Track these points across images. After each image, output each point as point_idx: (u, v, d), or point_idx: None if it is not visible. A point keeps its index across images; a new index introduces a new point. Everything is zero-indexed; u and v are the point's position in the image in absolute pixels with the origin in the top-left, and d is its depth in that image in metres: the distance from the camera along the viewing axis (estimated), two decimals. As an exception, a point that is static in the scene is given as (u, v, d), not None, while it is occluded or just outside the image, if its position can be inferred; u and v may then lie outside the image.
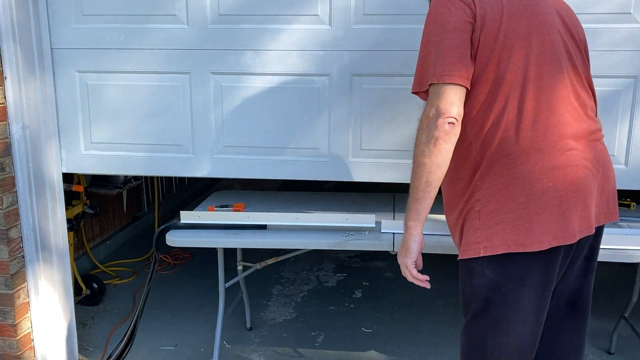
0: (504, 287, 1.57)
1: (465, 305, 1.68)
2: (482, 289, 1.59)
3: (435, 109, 1.50)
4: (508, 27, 1.53)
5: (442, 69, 1.50)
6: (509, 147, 1.53)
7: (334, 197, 3.08)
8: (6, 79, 2.40)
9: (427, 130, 1.51)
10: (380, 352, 3.00)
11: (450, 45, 1.50)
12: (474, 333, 1.65)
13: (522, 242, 1.52)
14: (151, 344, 3.07)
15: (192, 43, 2.44)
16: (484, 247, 1.55)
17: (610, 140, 2.33)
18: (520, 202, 1.52)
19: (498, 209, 1.54)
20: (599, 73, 2.25)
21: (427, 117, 1.52)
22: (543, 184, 1.52)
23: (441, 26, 1.52)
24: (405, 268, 1.70)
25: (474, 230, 1.58)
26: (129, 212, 4.68)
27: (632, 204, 2.77)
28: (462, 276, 1.66)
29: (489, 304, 1.59)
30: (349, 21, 2.35)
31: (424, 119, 1.53)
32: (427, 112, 1.52)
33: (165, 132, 2.55)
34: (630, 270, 2.85)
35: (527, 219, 1.52)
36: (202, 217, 2.56)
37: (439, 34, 1.52)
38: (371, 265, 4.13)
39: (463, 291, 1.67)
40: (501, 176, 1.54)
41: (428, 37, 1.57)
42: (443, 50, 1.51)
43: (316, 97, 2.44)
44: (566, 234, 1.54)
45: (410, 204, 1.61)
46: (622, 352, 2.98)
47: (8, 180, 2.46)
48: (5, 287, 2.50)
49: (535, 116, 1.53)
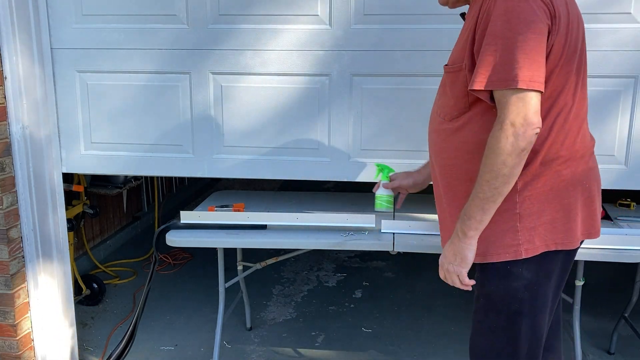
0: (536, 284, 1.60)
1: (491, 309, 1.64)
2: (520, 290, 1.59)
3: (523, 117, 1.41)
4: (571, 36, 1.52)
5: (530, 74, 1.40)
6: (557, 152, 1.55)
7: (334, 197, 3.08)
8: (6, 79, 2.40)
9: (514, 139, 1.41)
10: (380, 352, 3.00)
11: (537, 49, 1.42)
12: (506, 335, 1.64)
13: (560, 242, 1.59)
14: (151, 344, 3.07)
15: (192, 43, 2.44)
16: (525, 249, 1.56)
17: (610, 140, 2.33)
18: (564, 204, 1.57)
19: (542, 210, 1.56)
20: (599, 73, 2.26)
21: (512, 125, 1.41)
22: (583, 185, 1.60)
23: (525, 24, 1.40)
24: (456, 276, 1.61)
25: (513, 233, 1.56)
26: (129, 212, 4.68)
27: (632, 204, 2.77)
28: (490, 279, 1.63)
29: (524, 303, 1.60)
30: (349, 21, 2.35)
31: (509, 126, 1.41)
32: (512, 120, 1.41)
33: (165, 132, 2.55)
34: (630, 270, 2.85)
35: (567, 219, 1.59)
36: (202, 217, 2.56)
37: (522, 32, 1.40)
38: (371, 265, 4.13)
39: (489, 294, 1.63)
40: (548, 180, 1.55)
41: (503, 31, 1.42)
42: (531, 52, 1.40)
43: (316, 97, 2.44)
44: (592, 230, 1.67)
45: (475, 212, 1.51)
46: (622, 352, 2.98)
47: (8, 180, 2.46)
48: (5, 287, 2.50)
49: (580, 124, 1.62)
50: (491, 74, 1.43)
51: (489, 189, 1.47)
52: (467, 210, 1.53)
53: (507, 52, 1.41)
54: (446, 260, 1.62)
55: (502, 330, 1.64)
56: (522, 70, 1.40)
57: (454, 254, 1.59)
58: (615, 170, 2.35)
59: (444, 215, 1.74)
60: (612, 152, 2.34)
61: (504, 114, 1.43)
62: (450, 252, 1.60)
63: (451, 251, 1.60)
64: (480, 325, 1.70)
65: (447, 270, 1.63)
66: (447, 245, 1.62)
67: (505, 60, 1.41)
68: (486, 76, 1.44)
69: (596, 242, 2.29)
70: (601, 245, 2.30)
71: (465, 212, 1.54)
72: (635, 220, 2.59)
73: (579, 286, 2.57)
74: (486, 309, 1.66)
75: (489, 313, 1.65)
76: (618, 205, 2.79)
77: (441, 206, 1.76)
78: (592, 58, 2.24)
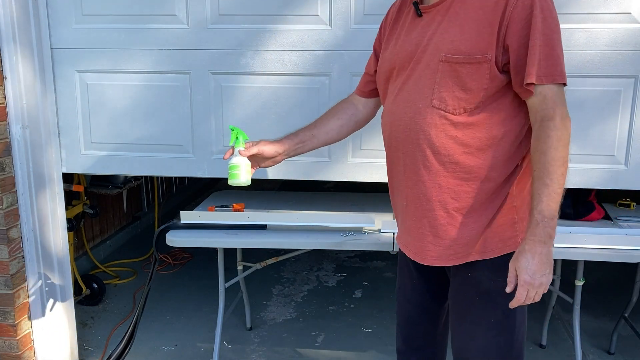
0: None
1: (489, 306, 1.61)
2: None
3: (565, 110, 1.50)
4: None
5: (563, 71, 1.51)
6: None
7: (334, 197, 3.08)
8: (6, 79, 2.40)
9: (569, 129, 1.48)
10: (380, 352, 3.00)
11: (562, 48, 1.52)
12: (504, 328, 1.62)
13: None
14: (151, 344, 3.07)
15: (192, 43, 2.44)
16: (522, 239, 1.53)
17: (610, 140, 2.33)
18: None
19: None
20: (599, 73, 2.26)
21: (564, 118, 1.48)
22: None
23: (556, 23, 1.51)
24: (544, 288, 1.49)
25: (511, 225, 1.59)
26: (129, 212, 4.68)
27: (632, 204, 2.77)
28: (488, 276, 1.59)
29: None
30: (349, 21, 2.35)
31: (564, 119, 1.48)
32: (563, 113, 1.48)
33: (165, 132, 2.55)
34: (630, 270, 2.85)
35: None
36: (202, 217, 2.56)
37: (557, 31, 1.51)
38: (371, 265, 4.13)
39: (489, 291, 1.59)
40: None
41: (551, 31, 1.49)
42: (562, 51, 1.52)
43: (316, 97, 2.44)
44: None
45: (555, 210, 1.47)
46: (622, 352, 2.98)
47: (8, 180, 2.46)
48: (5, 287, 2.50)
49: None
50: (543, 69, 1.49)
51: (563, 181, 1.48)
52: (547, 211, 1.46)
53: (551, 49, 1.49)
54: (537, 274, 1.46)
55: (500, 324, 1.62)
56: (562, 66, 1.50)
57: (543, 263, 1.46)
58: (615, 170, 2.35)
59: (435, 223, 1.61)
60: (612, 152, 2.34)
61: (560, 107, 1.48)
62: (538, 264, 1.46)
63: (538, 262, 1.46)
64: (476, 327, 1.64)
65: (539, 285, 1.48)
66: (527, 258, 1.47)
67: (552, 56, 1.49)
68: (540, 71, 1.49)
69: (596, 242, 2.31)
70: (601, 245, 2.31)
71: (545, 215, 1.45)
72: (635, 220, 2.60)
73: (579, 286, 2.57)
74: (484, 307, 1.61)
75: (487, 310, 1.61)
76: (618, 205, 2.80)
77: (420, 210, 1.63)
78: (592, 58, 2.25)
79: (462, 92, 1.54)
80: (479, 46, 1.52)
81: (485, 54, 1.50)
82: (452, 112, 1.55)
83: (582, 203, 2.63)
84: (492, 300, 1.60)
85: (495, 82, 1.51)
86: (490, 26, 1.50)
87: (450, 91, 1.55)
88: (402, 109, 1.62)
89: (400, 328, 1.91)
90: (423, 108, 1.58)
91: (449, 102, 1.56)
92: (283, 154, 1.86)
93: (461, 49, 1.53)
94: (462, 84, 1.53)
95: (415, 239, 1.66)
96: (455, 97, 1.55)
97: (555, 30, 1.50)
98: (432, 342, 1.88)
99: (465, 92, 1.53)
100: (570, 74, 2.26)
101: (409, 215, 1.67)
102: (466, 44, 1.53)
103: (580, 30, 2.23)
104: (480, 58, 1.51)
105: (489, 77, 1.51)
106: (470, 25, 1.53)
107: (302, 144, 1.87)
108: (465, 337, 1.67)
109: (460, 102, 1.55)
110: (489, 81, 1.51)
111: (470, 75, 1.53)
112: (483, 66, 1.51)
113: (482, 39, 1.51)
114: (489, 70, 1.51)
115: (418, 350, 1.88)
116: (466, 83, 1.53)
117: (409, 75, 1.62)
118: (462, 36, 1.54)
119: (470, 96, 1.53)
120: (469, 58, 1.52)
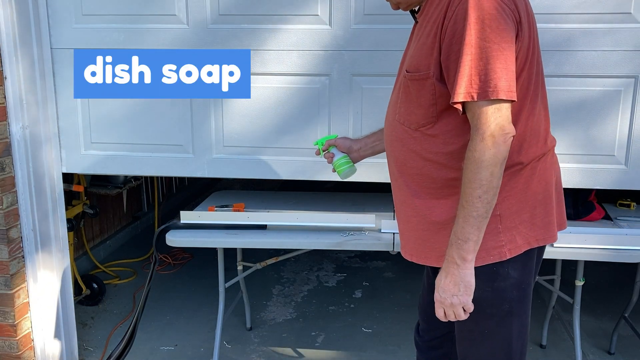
0: (524, 282, 1.58)
1: (481, 315, 1.58)
2: (508, 290, 1.57)
3: (501, 127, 1.38)
4: (532, 40, 1.50)
5: (508, 84, 1.38)
6: (530, 151, 1.54)
7: (334, 197, 3.08)
8: (6, 79, 2.40)
9: (497, 150, 1.37)
10: (380, 352, 3.00)
11: (511, 58, 1.40)
12: (500, 337, 1.61)
13: (542, 237, 1.57)
14: (151, 344, 3.07)
15: (192, 43, 2.44)
16: (509, 249, 1.53)
17: (610, 140, 2.33)
18: (539, 200, 1.56)
19: (521, 209, 1.54)
20: (599, 73, 2.26)
21: (492, 136, 1.37)
22: (551, 178, 1.60)
23: (498, 33, 1.38)
24: (461, 308, 1.50)
25: (495, 235, 1.53)
26: (129, 212, 4.68)
27: (632, 204, 2.77)
28: (477, 285, 1.54)
29: (514, 303, 1.58)
30: (349, 21, 2.35)
31: (490, 138, 1.37)
32: (492, 131, 1.38)
33: (165, 132, 2.55)
34: (630, 270, 2.85)
35: (544, 214, 1.57)
36: (202, 217, 2.56)
37: (497, 42, 1.38)
38: (371, 265, 4.13)
39: (478, 300, 1.54)
40: (524, 178, 1.54)
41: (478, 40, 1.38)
42: (506, 62, 1.38)
43: (316, 97, 2.44)
44: (562, 221, 1.67)
45: (471, 234, 1.43)
46: (622, 352, 2.98)
47: (8, 180, 2.45)
48: (5, 287, 2.50)
49: (547, 121, 1.63)
50: (472, 86, 1.40)
51: (482, 204, 1.41)
52: (461, 233, 1.44)
53: (485, 62, 1.38)
54: (447, 294, 1.49)
55: (495, 334, 1.61)
56: (501, 80, 1.38)
57: (455, 284, 1.47)
58: (615, 170, 2.35)
59: (409, 226, 1.66)
60: (612, 152, 2.34)
61: (484, 125, 1.39)
62: (450, 284, 1.48)
63: (451, 282, 1.48)
64: (471, 335, 1.64)
65: (450, 305, 1.50)
66: (441, 279, 1.49)
67: (484, 71, 1.39)
68: (467, 88, 1.40)
69: (596, 242, 2.31)
70: (601, 245, 2.31)
71: (459, 236, 1.44)
72: (635, 220, 2.60)
73: (579, 286, 2.57)
74: (475, 316, 1.58)
75: (479, 320, 1.60)
76: (618, 205, 2.80)
77: (405, 215, 1.68)
78: (592, 58, 2.25)
79: (417, 107, 1.55)
80: (426, 62, 1.50)
81: (429, 70, 1.49)
82: (410, 126, 1.58)
83: (582, 203, 2.63)
84: (482, 311, 1.57)
85: (443, 97, 1.48)
86: (434, 40, 1.48)
87: (407, 105, 1.58)
88: (386, 121, 1.72)
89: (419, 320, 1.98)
90: (393, 122, 1.65)
91: (408, 117, 1.58)
92: (360, 150, 1.98)
93: (414, 65, 1.54)
94: (416, 100, 1.55)
95: (403, 239, 1.73)
96: (414, 112, 1.57)
97: (494, 41, 1.37)
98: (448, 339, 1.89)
99: (421, 108, 1.54)
100: (570, 74, 2.29)
101: (398, 217, 1.74)
102: (417, 59, 1.53)
103: (580, 30, 2.23)
104: (424, 75, 1.50)
105: (433, 93, 1.50)
106: (424, 40, 1.52)
107: (380, 142, 1.92)
108: (463, 346, 1.70)
109: (415, 117, 1.56)
110: (436, 97, 1.50)
111: (418, 92, 1.53)
112: (428, 82, 1.50)
113: (429, 54, 1.49)
114: (433, 86, 1.49)
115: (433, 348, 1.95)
116: (417, 99, 1.54)
117: (394, 87, 1.70)
118: (416, 51, 1.54)
119: (424, 111, 1.54)
120: (415, 75, 1.53)
